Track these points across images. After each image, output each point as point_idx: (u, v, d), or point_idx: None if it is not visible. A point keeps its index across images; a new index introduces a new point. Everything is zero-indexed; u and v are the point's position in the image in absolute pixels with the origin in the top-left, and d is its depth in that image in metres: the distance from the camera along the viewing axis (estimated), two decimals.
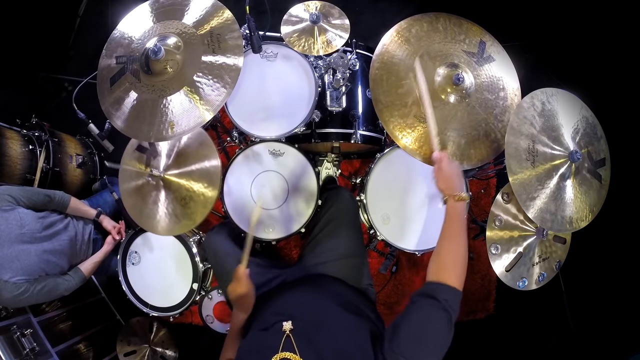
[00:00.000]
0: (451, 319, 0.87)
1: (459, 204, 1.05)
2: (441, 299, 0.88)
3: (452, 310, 0.88)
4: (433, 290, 0.92)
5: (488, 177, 2.13)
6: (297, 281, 1.30)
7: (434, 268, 0.98)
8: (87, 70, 1.60)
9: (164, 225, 1.37)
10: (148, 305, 1.76)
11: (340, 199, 1.52)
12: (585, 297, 2.19)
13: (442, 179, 1.10)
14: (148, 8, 1.25)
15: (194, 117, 1.13)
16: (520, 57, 1.45)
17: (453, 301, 0.89)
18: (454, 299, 0.90)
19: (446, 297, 0.89)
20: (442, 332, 0.85)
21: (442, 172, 1.10)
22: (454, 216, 1.04)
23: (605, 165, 1.34)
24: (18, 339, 1.64)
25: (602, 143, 1.34)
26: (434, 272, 0.97)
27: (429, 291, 0.92)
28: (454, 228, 1.03)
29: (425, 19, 1.31)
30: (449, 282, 0.92)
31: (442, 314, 0.87)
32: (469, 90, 1.26)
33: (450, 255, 0.99)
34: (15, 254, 1.44)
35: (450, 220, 1.04)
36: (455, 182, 1.08)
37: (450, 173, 1.09)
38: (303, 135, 1.65)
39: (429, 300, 0.90)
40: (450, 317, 0.87)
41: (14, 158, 1.82)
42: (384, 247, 1.92)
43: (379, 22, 2.46)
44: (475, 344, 2.33)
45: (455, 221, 1.04)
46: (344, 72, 1.51)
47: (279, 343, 0.85)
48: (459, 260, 0.97)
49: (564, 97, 1.29)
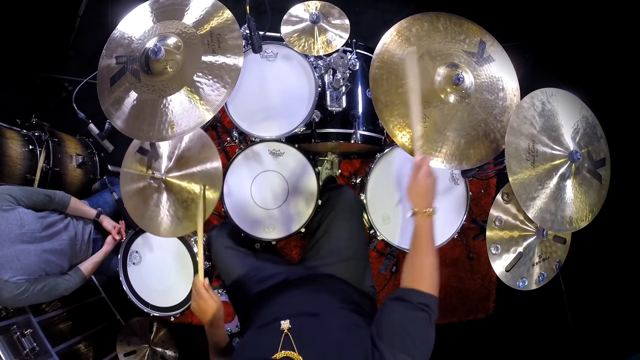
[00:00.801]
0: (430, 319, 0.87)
1: (428, 219, 1.03)
2: (415, 302, 0.89)
3: (427, 308, 0.88)
4: (405, 294, 0.92)
5: (488, 177, 2.13)
6: (299, 280, 1.30)
7: (407, 278, 0.97)
8: (87, 70, 1.60)
9: (165, 227, 1.37)
10: (149, 305, 1.76)
11: (343, 198, 1.51)
12: (585, 297, 2.19)
13: (415, 191, 1.06)
14: (148, 8, 1.25)
15: (194, 117, 1.13)
16: (520, 57, 1.46)
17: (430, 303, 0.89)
18: (430, 301, 0.90)
19: (420, 300, 0.89)
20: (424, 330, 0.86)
21: (418, 183, 1.05)
22: (422, 232, 1.02)
23: (605, 165, 1.34)
24: (18, 339, 1.64)
25: (602, 143, 1.34)
26: (408, 281, 0.96)
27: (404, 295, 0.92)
28: (423, 243, 1.01)
29: (425, 19, 1.31)
30: (421, 289, 0.92)
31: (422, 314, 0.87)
32: (469, 90, 1.26)
33: (422, 268, 0.97)
34: (15, 254, 1.44)
35: (419, 236, 1.02)
36: (428, 198, 1.04)
37: (425, 187, 1.05)
38: (303, 135, 1.65)
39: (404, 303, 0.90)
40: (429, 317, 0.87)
41: (14, 158, 1.82)
42: (384, 247, 1.92)
43: (379, 22, 2.45)
44: (475, 344, 2.33)
45: (424, 236, 1.02)
46: (344, 72, 1.51)
47: (278, 342, 0.86)
48: (431, 272, 0.96)
49: (564, 97, 1.29)
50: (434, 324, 0.88)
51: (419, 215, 1.04)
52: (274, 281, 1.32)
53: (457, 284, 2.35)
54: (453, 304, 2.35)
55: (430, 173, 1.07)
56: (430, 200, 1.05)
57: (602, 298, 2.15)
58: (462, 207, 1.65)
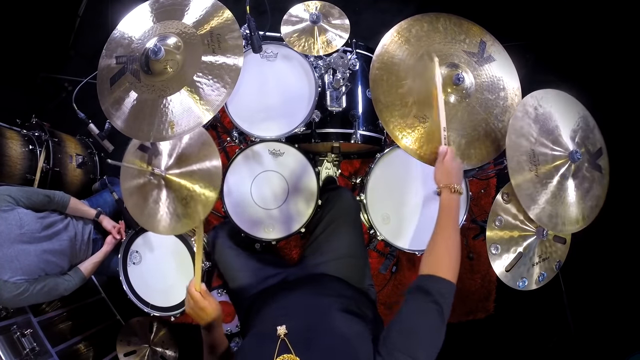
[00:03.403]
0: (442, 311, 0.86)
1: (454, 196, 1.03)
2: (433, 291, 0.88)
3: (444, 302, 0.87)
4: (425, 282, 0.91)
5: (488, 177, 2.13)
6: (297, 280, 1.30)
7: (426, 261, 0.97)
8: (87, 70, 1.60)
9: (164, 225, 1.37)
10: (149, 305, 1.76)
11: (342, 199, 1.52)
12: (585, 297, 2.19)
13: (441, 170, 1.08)
14: (148, 8, 1.25)
15: (194, 117, 1.13)
16: (520, 57, 1.46)
17: (447, 292, 0.89)
18: (447, 290, 0.90)
19: (438, 288, 0.89)
20: (433, 325, 0.85)
21: (444, 164, 1.08)
22: (448, 208, 1.02)
23: (603, 154, 1.33)
24: (18, 339, 1.64)
25: (596, 133, 1.33)
26: (427, 265, 0.96)
27: (421, 284, 0.91)
28: (447, 220, 1.01)
29: (425, 19, 1.31)
30: (441, 274, 0.91)
31: (433, 307, 0.86)
32: (469, 90, 1.26)
33: (443, 248, 0.97)
34: (15, 254, 1.44)
35: (444, 213, 1.02)
36: (454, 175, 1.06)
37: (451, 166, 1.07)
38: (303, 135, 1.65)
39: (419, 294, 0.89)
40: (441, 309, 0.86)
41: (14, 158, 1.82)
42: (384, 247, 1.92)
43: (379, 22, 2.46)
44: (475, 344, 2.33)
45: (449, 213, 1.02)
46: (344, 72, 1.51)
47: (274, 350, 0.84)
48: (452, 254, 0.96)
49: (557, 97, 1.29)
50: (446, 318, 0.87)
51: (445, 191, 1.04)
52: (274, 281, 1.32)
53: (457, 284, 2.32)
54: (453, 304, 2.34)
55: (456, 158, 1.10)
56: (456, 179, 1.06)
57: (602, 298, 2.15)
58: (462, 207, 1.65)
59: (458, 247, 0.98)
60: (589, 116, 1.33)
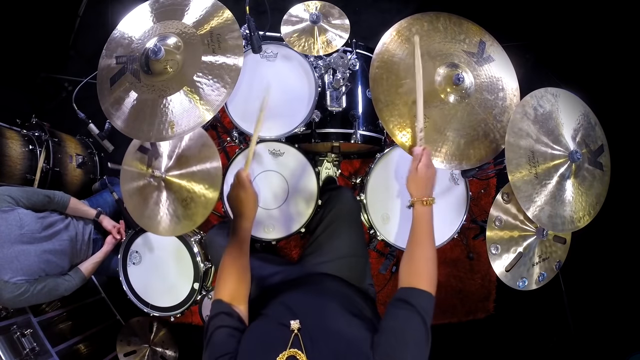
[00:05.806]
0: (426, 322, 0.87)
1: (427, 209, 1.03)
2: (415, 303, 0.88)
3: (426, 314, 0.87)
4: (407, 295, 0.92)
5: (488, 177, 2.13)
6: (299, 279, 1.29)
7: (405, 274, 0.97)
8: (87, 70, 1.60)
9: (165, 226, 1.37)
10: (149, 305, 1.76)
11: (342, 199, 1.51)
12: (585, 297, 2.19)
13: (415, 181, 1.06)
14: (148, 8, 1.25)
15: (194, 117, 1.13)
16: (520, 57, 1.46)
17: (426, 305, 0.89)
18: (427, 302, 0.90)
19: (420, 300, 0.89)
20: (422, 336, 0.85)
21: (417, 174, 1.06)
22: (422, 221, 1.02)
23: (604, 151, 1.33)
24: (18, 339, 1.64)
25: (598, 130, 1.33)
26: (406, 277, 0.96)
27: (403, 297, 0.91)
28: (422, 233, 1.01)
29: (425, 19, 1.31)
30: (422, 287, 0.92)
31: (418, 318, 0.86)
32: (469, 90, 1.26)
33: (421, 261, 0.97)
34: (15, 255, 1.44)
35: (419, 225, 1.02)
36: (427, 188, 1.04)
37: (425, 176, 1.05)
38: (303, 135, 1.65)
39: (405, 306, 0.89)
40: (425, 320, 0.87)
41: (14, 158, 1.82)
42: (384, 247, 1.92)
43: (379, 22, 2.46)
44: (475, 344, 2.33)
45: (425, 226, 1.02)
46: (344, 72, 1.51)
47: (287, 340, 0.85)
48: (429, 265, 0.96)
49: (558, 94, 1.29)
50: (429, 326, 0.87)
51: (417, 204, 1.03)
52: (274, 280, 1.31)
53: (457, 284, 2.35)
54: (453, 304, 2.35)
55: (430, 164, 1.07)
56: (429, 190, 1.05)
57: (602, 298, 2.15)
58: (462, 207, 1.65)
59: (435, 258, 0.98)
60: (591, 113, 1.33)
